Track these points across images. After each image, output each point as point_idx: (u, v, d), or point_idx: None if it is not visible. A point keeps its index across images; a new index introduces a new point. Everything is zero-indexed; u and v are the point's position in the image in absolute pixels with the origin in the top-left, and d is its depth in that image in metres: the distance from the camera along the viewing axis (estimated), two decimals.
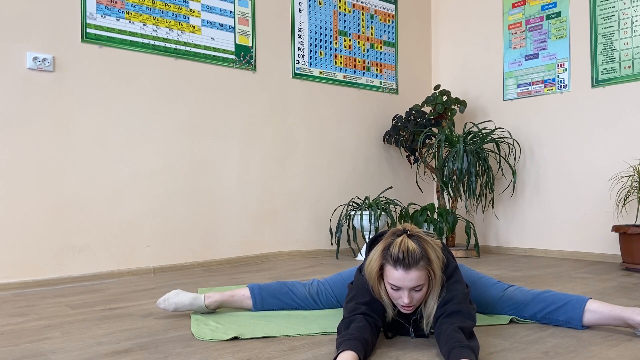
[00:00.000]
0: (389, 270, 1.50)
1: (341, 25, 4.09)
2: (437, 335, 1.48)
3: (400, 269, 1.46)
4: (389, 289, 1.52)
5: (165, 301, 1.92)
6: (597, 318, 1.67)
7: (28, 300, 2.38)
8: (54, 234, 2.80)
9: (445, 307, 1.50)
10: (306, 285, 2.03)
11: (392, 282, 1.49)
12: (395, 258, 1.47)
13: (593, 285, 2.58)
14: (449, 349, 1.36)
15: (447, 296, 1.53)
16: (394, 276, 1.48)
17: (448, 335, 1.40)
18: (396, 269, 1.47)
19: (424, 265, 1.47)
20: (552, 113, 3.87)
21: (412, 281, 1.47)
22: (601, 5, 3.60)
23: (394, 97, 4.41)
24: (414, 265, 1.46)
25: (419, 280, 1.47)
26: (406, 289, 1.48)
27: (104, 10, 2.98)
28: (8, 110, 2.69)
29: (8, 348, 1.60)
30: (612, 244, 3.49)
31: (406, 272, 1.46)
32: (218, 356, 1.47)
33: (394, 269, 1.48)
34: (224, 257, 3.43)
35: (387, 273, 1.51)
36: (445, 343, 1.39)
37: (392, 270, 1.48)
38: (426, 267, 1.48)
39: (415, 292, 1.50)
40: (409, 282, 1.47)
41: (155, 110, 3.17)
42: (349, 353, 1.35)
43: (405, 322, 1.62)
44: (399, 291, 1.50)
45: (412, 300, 1.50)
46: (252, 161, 3.60)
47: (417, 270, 1.46)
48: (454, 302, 1.51)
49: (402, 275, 1.46)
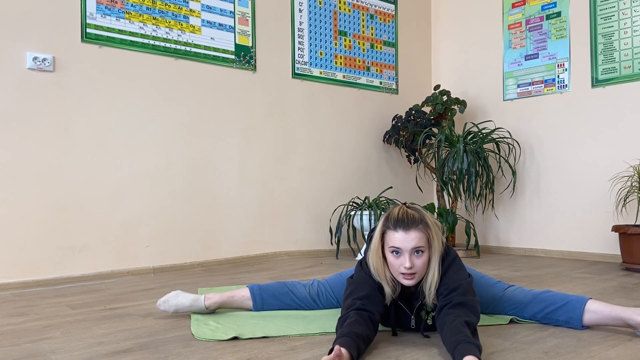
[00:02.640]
0: (390, 234, 1.55)
1: (341, 25, 4.09)
2: (440, 325, 1.48)
3: (401, 229, 1.53)
4: (391, 258, 1.56)
5: (165, 303, 1.92)
6: (597, 318, 1.67)
7: (28, 300, 2.38)
8: (54, 234, 2.80)
9: (450, 296, 1.51)
10: (306, 286, 2.03)
11: (393, 244, 1.54)
12: (395, 220, 1.54)
13: (593, 285, 2.58)
14: (456, 342, 1.36)
15: (451, 284, 1.54)
16: (395, 237, 1.53)
17: (455, 328, 1.40)
18: (396, 230, 1.53)
19: (423, 228, 1.54)
20: (552, 113, 3.87)
21: (412, 241, 1.52)
22: (601, 5, 3.60)
23: (394, 97, 4.41)
24: (413, 226, 1.52)
25: (419, 242, 1.52)
26: (407, 251, 1.52)
27: (104, 10, 2.98)
28: (8, 110, 2.69)
29: (8, 348, 1.60)
30: (612, 244, 3.49)
31: (406, 233, 1.52)
32: (218, 356, 1.47)
33: (395, 232, 1.53)
34: (224, 257, 3.43)
35: (388, 238, 1.55)
36: (451, 335, 1.39)
37: (393, 233, 1.54)
38: (425, 230, 1.54)
39: (416, 257, 1.53)
40: (410, 242, 1.52)
41: (155, 110, 3.17)
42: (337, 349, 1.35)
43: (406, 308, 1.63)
44: (399, 257, 1.54)
45: (413, 265, 1.52)
46: (252, 161, 3.60)
47: (417, 231, 1.52)
48: (459, 292, 1.52)
49: (403, 236, 1.52)
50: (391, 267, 1.57)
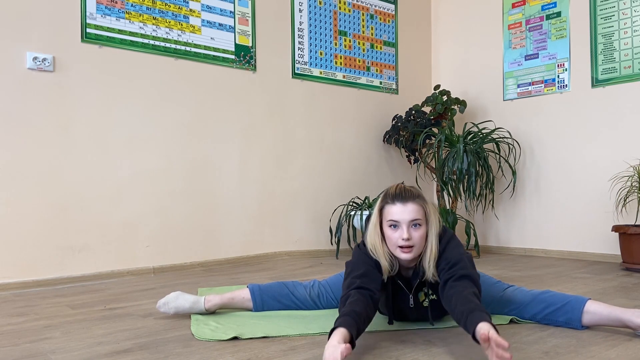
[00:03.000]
0: (388, 208, 1.61)
1: (341, 25, 4.09)
2: (447, 297, 1.50)
3: (398, 202, 1.59)
4: (389, 232, 1.60)
5: (165, 305, 1.92)
6: (596, 319, 1.67)
7: (28, 300, 2.38)
8: (54, 234, 2.80)
9: (453, 270, 1.54)
10: (307, 287, 2.02)
11: (390, 217, 1.59)
12: (392, 194, 1.62)
13: (593, 285, 2.57)
14: (468, 311, 1.37)
15: (452, 259, 1.57)
16: (393, 210, 1.59)
17: (465, 298, 1.42)
18: (394, 203, 1.60)
19: (420, 202, 1.61)
20: (552, 113, 3.87)
21: (410, 213, 1.58)
22: (601, 5, 3.60)
23: (394, 97, 4.41)
24: (410, 199, 1.59)
25: (416, 214, 1.58)
26: (405, 223, 1.58)
27: (104, 10, 2.98)
28: (8, 110, 2.69)
29: (8, 348, 1.60)
30: (612, 244, 3.49)
31: (404, 205, 1.58)
32: (218, 356, 1.47)
33: (392, 205, 1.60)
34: (224, 257, 3.43)
35: (386, 212, 1.61)
36: (462, 305, 1.41)
37: (391, 207, 1.60)
38: (422, 204, 1.61)
39: (414, 230, 1.58)
40: (407, 214, 1.58)
41: (155, 110, 3.17)
42: (339, 330, 1.38)
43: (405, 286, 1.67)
44: (397, 230, 1.59)
45: (410, 237, 1.57)
46: (252, 161, 3.60)
47: (414, 204, 1.59)
48: (461, 265, 1.55)
49: (400, 208, 1.58)
50: (389, 241, 1.62)
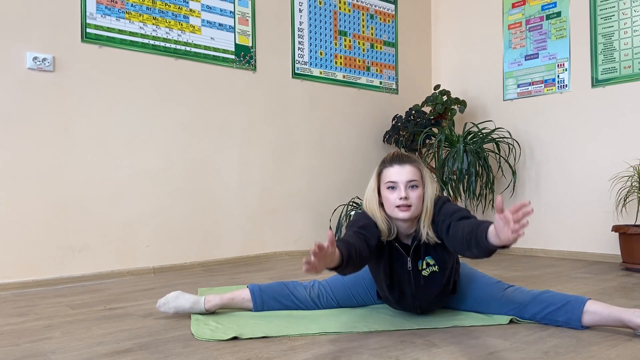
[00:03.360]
0: (386, 171, 1.69)
1: (341, 25, 4.09)
2: (453, 233, 1.57)
3: (396, 164, 1.68)
4: (387, 194, 1.67)
5: (165, 305, 1.92)
6: (596, 319, 1.67)
7: (28, 300, 2.38)
8: (54, 234, 2.80)
9: (454, 216, 1.61)
10: (307, 287, 2.03)
11: (389, 179, 1.67)
12: (390, 158, 1.71)
13: (593, 285, 2.58)
14: (476, 225, 1.46)
15: (450, 211, 1.64)
16: (390, 172, 1.68)
17: (473, 224, 1.48)
18: (392, 165, 1.68)
19: (416, 164, 1.69)
20: (552, 113, 3.87)
21: (406, 174, 1.66)
22: (601, 5, 3.60)
23: (394, 97, 4.41)
24: (406, 161, 1.68)
25: (413, 175, 1.67)
26: (402, 183, 1.65)
27: (104, 10, 2.98)
28: (8, 110, 2.69)
29: (8, 348, 1.60)
30: (612, 244, 3.49)
31: (401, 166, 1.67)
32: (218, 356, 1.47)
33: (390, 167, 1.68)
34: (224, 257, 3.43)
35: (384, 175, 1.69)
36: (468, 227, 1.49)
37: (388, 169, 1.69)
38: (418, 166, 1.70)
39: (411, 190, 1.66)
40: (404, 175, 1.66)
41: (155, 110, 3.17)
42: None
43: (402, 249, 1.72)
44: (395, 191, 1.66)
45: (408, 196, 1.64)
46: (252, 161, 3.60)
47: (411, 166, 1.68)
48: (460, 213, 1.62)
49: (397, 169, 1.67)
50: (387, 202, 1.68)
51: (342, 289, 2.02)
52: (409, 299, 1.81)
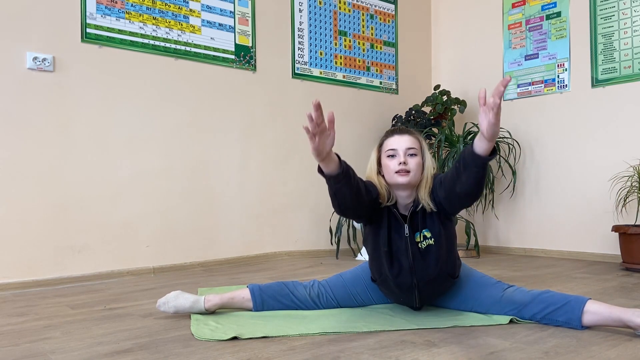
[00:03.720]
0: (386, 142, 1.79)
1: (341, 25, 4.09)
2: (445, 179, 1.67)
3: (396, 134, 1.79)
4: (387, 162, 1.76)
5: (165, 304, 1.92)
6: (596, 319, 1.67)
7: (28, 300, 2.38)
8: (54, 234, 2.80)
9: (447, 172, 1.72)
10: (307, 287, 2.02)
11: (389, 147, 1.77)
12: (390, 130, 1.83)
13: (593, 285, 2.58)
14: (463, 151, 1.56)
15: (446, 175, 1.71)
16: (390, 141, 1.78)
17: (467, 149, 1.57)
18: (392, 136, 1.79)
19: (415, 135, 1.80)
20: (552, 113, 3.87)
21: (406, 142, 1.76)
22: (601, 5, 3.60)
23: (394, 97, 4.41)
24: (406, 132, 1.79)
25: (412, 144, 1.76)
26: (401, 149, 1.75)
27: (104, 10, 2.98)
28: (8, 110, 2.69)
29: (8, 348, 1.60)
30: (612, 244, 3.49)
31: (400, 136, 1.78)
32: (218, 356, 1.47)
33: (391, 137, 1.79)
34: (224, 257, 3.43)
35: (385, 145, 1.79)
36: (458, 157, 1.59)
37: (389, 139, 1.79)
38: (417, 137, 1.80)
39: (410, 157, 1.75)
40: (404, 142, 1.76)
41: (155, 110, 3.17)
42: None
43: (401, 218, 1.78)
44: (394, 158, 1.75)
45: (407, 162, 1.73)
46: (252, 161, 3.60)
47: (410, 136, 1.78)
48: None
49: (397, 138, 1.77)
50: (387, 170, 1.77)
51: (342, 289, 2.02)
52: (406, 275, 1.80)
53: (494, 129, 1.46)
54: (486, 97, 1.45)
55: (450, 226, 1.83)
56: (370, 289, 2.03)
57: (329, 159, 1.58)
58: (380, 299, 2.06)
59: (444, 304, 1.98)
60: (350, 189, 1.63)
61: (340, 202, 1.67)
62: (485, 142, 1.50)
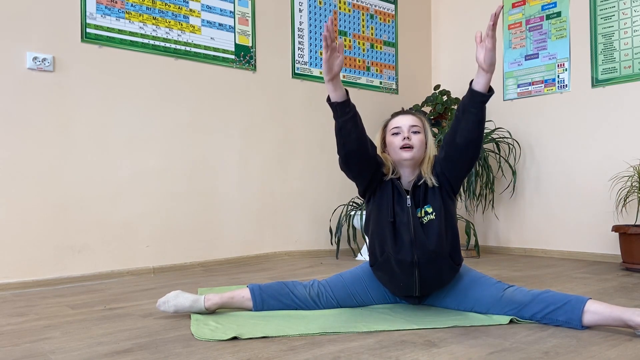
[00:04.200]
0: (391, 121, 1.90)
1: (341, 25, 4.09)
2: (448, 131, 1.78)
3: (400, 115, 1.90)
4: (391, 139, 1.86)
5: (165, 304, 1.92)
6: (596, 319, 1.67)
7: (28, 300, 2.38)
8: (54, 234, 2.80)
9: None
10: (307, 287, 2.02)
11: (393, 126, 1.87)
12: (395, 112, 1.94)
13: (593, 285, 2.58)
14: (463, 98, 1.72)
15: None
16: (395, 120, 1.88)
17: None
18: (397, 116, 1.90)
19: (418, 115, 1.90)
20: (552, 113, 3.87)
21: (409, 120, 1.86)
22: (601, 5, 3.60)
23: (394, 97, 4.41)
24: (409, 113, 1.90)
25: (415, 122, 1.86)
26: (405, 127, 1.84)
27: (104, 10, 2.98)
28: (8, 110, 2.69)
29: (8, 348, 1.60)
30: (612, 244, 3.49)
31: (404, 116, 1.88)
32: (218, 356, 1.47)
33: (395, 117, 1.90)
34: (224, 257, 3.43)
35: (390, 125, 1.90)
36: (462, 98, 1.74)
37: (393, 119, 1.90)
38: (420, 117, 1.89)
39: (413, 134, 1.84)
40: (407, 121, 1.86)
41: (155, 110, 3.17)
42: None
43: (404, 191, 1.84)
44: (399, 135, 1.84)
45: (410, 137, 1.82)
46: (252, 161, 3.60)
47: (413, 115, 1.89)
48: None
49: (401, 117, 1.88)
50: (392, 146, 1.86)
51: (342, 289, 2.02)
52: (408, 251, 1.81)
53: (491, 55, 1.64)
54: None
55: (451, 205, 1.88)
56: (370, 289, 2.03)
57: (337, 81, 1.72)
58: (380, 298, 2.06)
59: (444, 304, 1.98)
60: (355, 127, 1.73)
61: (345, 140, 1.74)
62: (483, 75, 1.67)
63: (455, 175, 1.83)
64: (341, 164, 1.85)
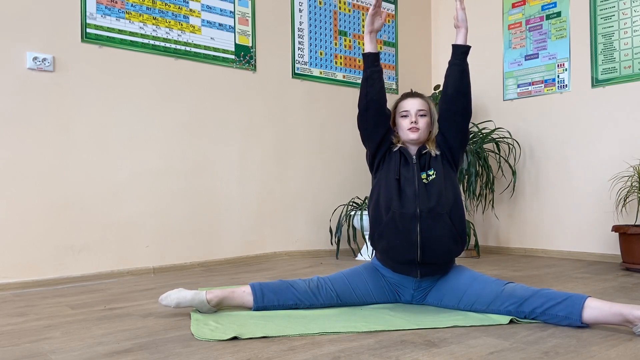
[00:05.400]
0: (401, 103, 2.08)
1: (341, 25, 4.09)
2: (441, 92, 2.10)
3: (409, 97, 2.09)
4: (400, 121, 2.06)
5: (166, 298, 1.93)
6: (596, 314, 1.67)
7: (28, 300, 2.38)
8: (54, 234, 2.80)
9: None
10: (306, 280, 2.05)
11: (403, 109, 2.06)
12: (405, 93, 2.13)
13: (593, 285, 2.58)
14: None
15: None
16: (404, 103, 2.07)
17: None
18: (406, 98, 2.09)
19: (425, 99, 2.11)
20: (552, 113, 3.87)
21: (417, 104, 2.06)
22: (601, 5, 3.60)
23: (394, 97, 4.39)
24: (418, 96, 2.10)
25: (422, 106, 2.06)
26: (413, 110, 2.04)
27: (104, 10, 2.98)
28: (8, 110, 2.69)
29: (8, 348, 1.60)
30: (612, 244, 3.49)
31: (413, 99, 2.08)
32: (218, 356, 1.47)
33: (405, 100, 2.09)
34: (224, 257, 3.43)
35: (399, 106, 2.08)
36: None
37: (403, 101, 2.08)
38: (427, 101, 2.10)
39: (420, 117, 2.04)
40: (415, 104, 2.06)
41: (155, 110, 3.17)
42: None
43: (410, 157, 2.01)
44: (407, 118, 2.04)
45: (417, 121, 2.03)
46: (252, 161, 3.60)
47: (421, 99, 2.09)
48: None
49: (410, 101, 2.07)
50: (400, 127, 2.06)
51: (342, 282, 2.03)
52: (411, 204, 1.93)
53: (461, 13, 2.11)
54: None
55: (452, 172, 2.06)
56: (370, 283, 2.04)
57: (373, 37, 2.05)
58: (380, 294, 2.06)
59: (444, 303, 1.99)
60: (379, 80, 2.03)
61: (369, 89, 2.02)
62: (459, 31, 2.15)
63: (453, 135, 2.04)
64: (359, 117, 2.07)
